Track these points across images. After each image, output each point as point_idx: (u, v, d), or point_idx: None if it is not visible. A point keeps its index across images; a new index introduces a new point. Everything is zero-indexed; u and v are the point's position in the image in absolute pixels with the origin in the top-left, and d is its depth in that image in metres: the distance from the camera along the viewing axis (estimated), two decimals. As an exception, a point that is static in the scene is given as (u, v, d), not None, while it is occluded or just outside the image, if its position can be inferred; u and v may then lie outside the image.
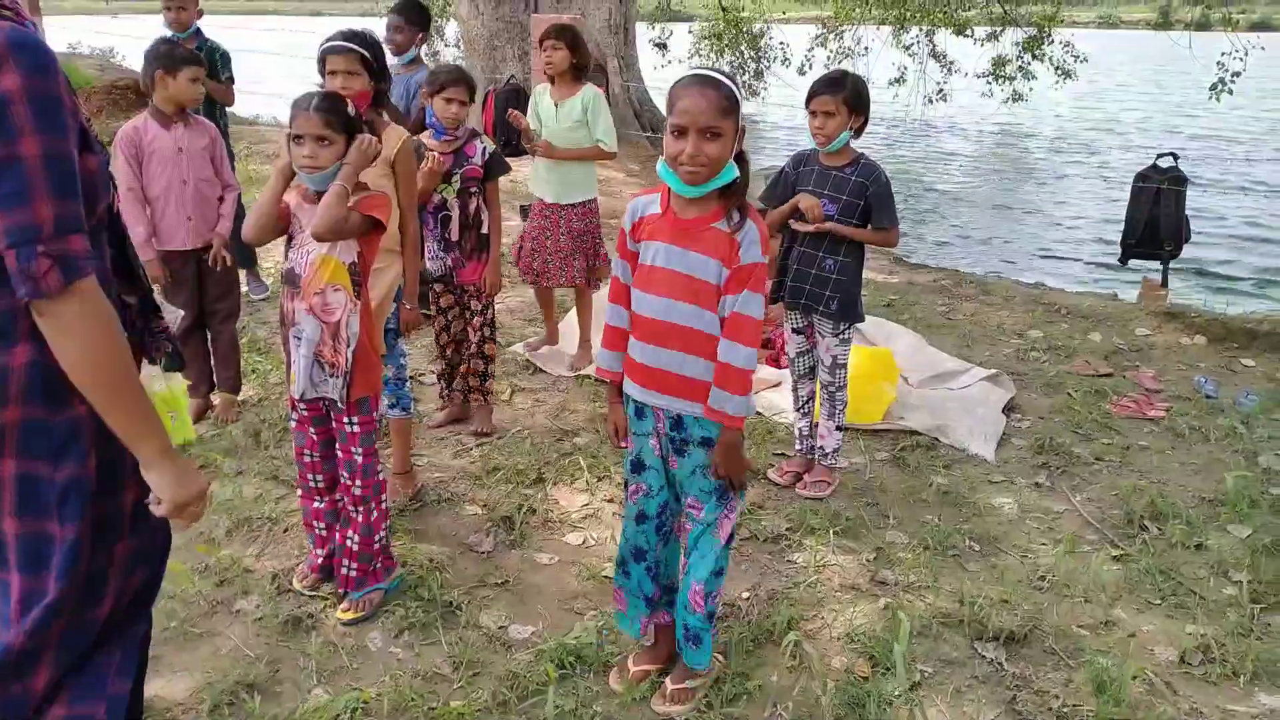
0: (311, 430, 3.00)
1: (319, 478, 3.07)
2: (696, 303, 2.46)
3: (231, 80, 6.09)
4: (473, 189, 4.13)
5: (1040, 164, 17.64)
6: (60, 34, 18.77)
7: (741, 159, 2.44)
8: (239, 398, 4.48)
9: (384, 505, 3.07)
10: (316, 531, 3.13)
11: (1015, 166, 17.41)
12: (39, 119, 1.49)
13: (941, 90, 19.09)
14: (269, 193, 2.84)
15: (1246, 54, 13.19)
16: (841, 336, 3.74)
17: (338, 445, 2.99)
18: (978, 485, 3.97)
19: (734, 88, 2.35)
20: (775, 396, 4.61)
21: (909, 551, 3.45)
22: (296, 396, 2.94)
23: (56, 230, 1.51)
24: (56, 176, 1.51)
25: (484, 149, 4.09)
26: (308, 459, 3.04)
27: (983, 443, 4.26)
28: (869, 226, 3.61)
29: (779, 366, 4.97)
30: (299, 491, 3.15)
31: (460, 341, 4.32)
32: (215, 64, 5.88)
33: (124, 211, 3.91)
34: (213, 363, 4.42)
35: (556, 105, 4.85)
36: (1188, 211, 6.20)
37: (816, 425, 3.91)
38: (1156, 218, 6.05)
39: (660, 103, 14.37)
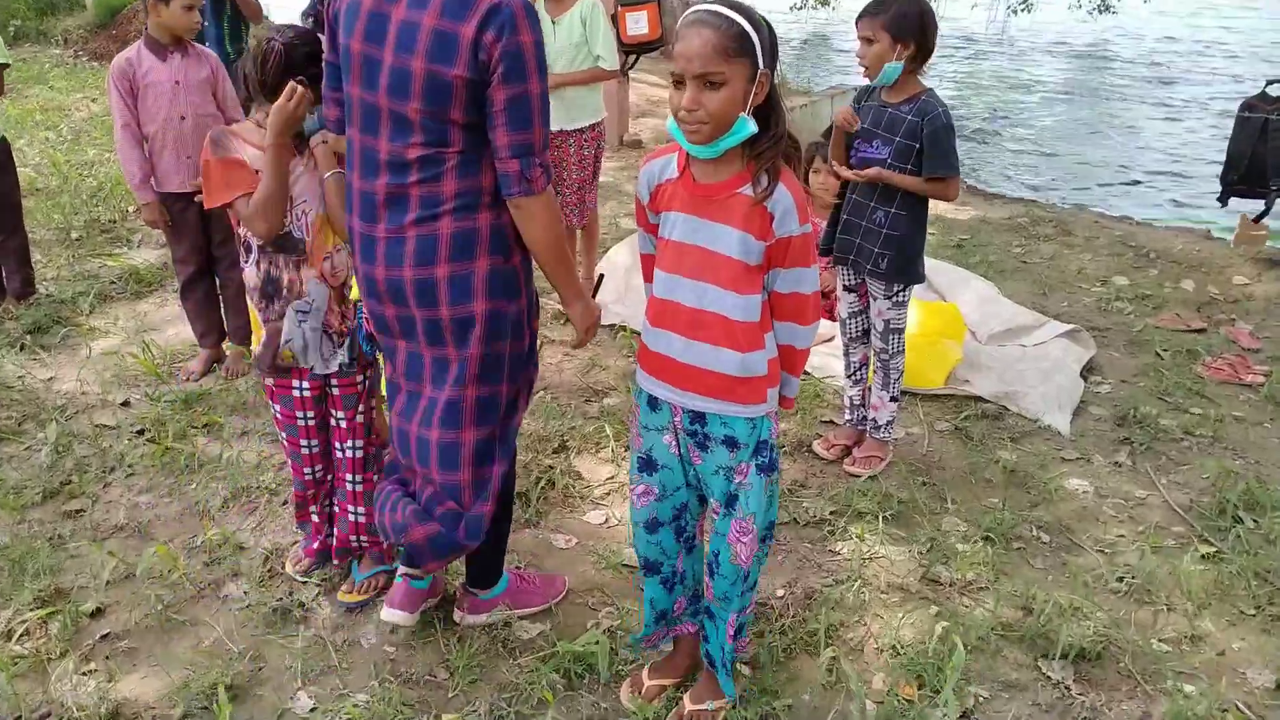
0: (310, 414, 2.68)
1: (318, 467, 2.77)
2: (721, 284, 2.09)
3: None
4: None
5: (1129, 87, 16.52)
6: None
7: (771, 109, 2.03)
8: (250, 346, 4.22)
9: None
10: (313, 519, 2.85)
11: (1103, 88, 16.33)
12: (540, 67, 2.06)
13: (1026, 1, 17.98)
14: (277, 180, 2.43)
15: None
16: (896, 300, 3.32)
17: (336, 414, 2.69)
18: (1049, 463, 3.56)
19: (744, 23, 1.92)
20: (826, 355, 4.21)
21: (967, 543, 3.08)
22: (305, 376, 2.63)
23: (544, 148, 2.10)
24: (545, 110, 2.09)
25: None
26: (305, 450, 2.73)
27: (1057, 412, 3.82)
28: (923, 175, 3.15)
29: (832, 318, 4.55)
30: (293, 484, 2.84)
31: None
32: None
33: (119, 150, 3.70)
34: (222, 310, 4.15)
35: (554, 23, 4.38)
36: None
37: (869, 393, 3.52)
38: (1263, 153, 5.41)
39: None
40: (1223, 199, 5.77)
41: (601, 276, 3.10)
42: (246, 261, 2.55)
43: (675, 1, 10.76)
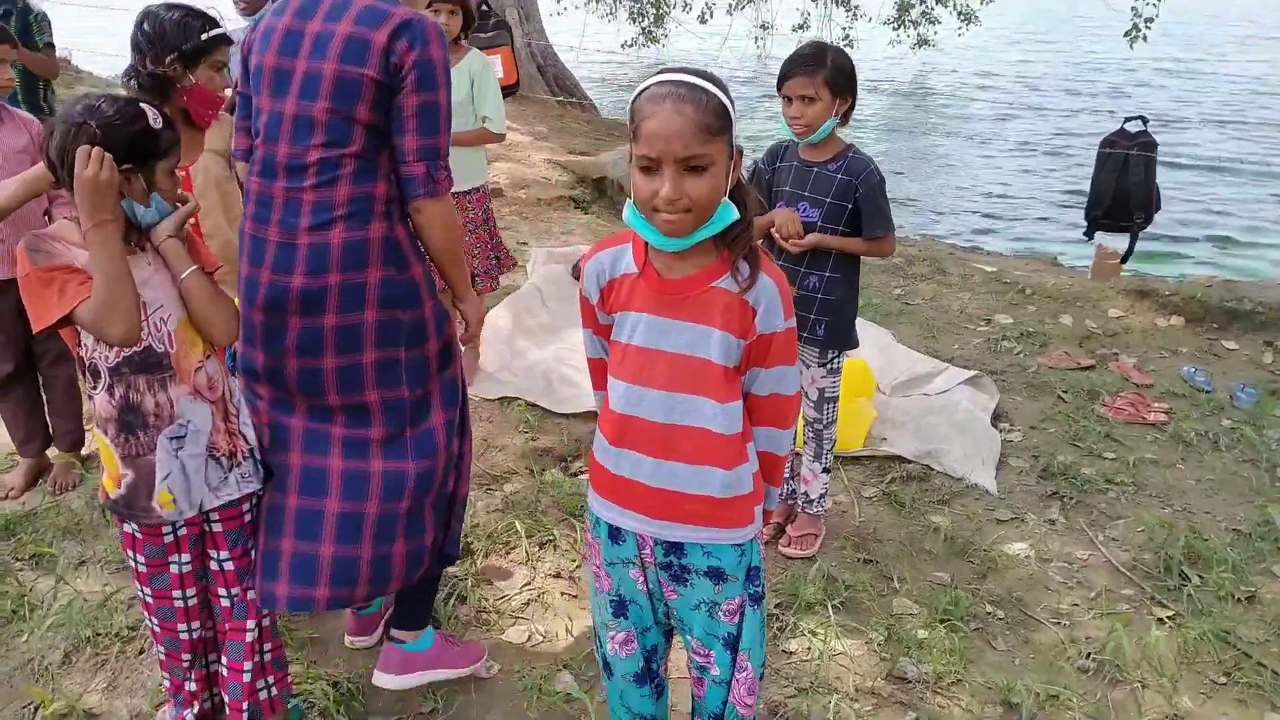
0: (183, 560, 2.18)
1: (194, 624, 2.24)
2: (699, 392, 1.78)
3: (52, 47, 5.07)
4: None
5: (955, 119, 17.27)
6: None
7: (741, 192, 1.75)
8: (83, 452, 3.62)
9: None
10: (187, 687, 2.32)
11: (933, 120, 17.01)
12: (447, 82, 2.12)
13: (848, 36, 18.56)
14: (114, 264, 1.94)
15: None
16: (830, 367, 3.08)
17: (217, 555, 2.21)
18: (984, 526, 3.39)
19: (721, 95, 1.65)
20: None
21: (925, 627, 2.85)
22: (177, 518, 2.13)
23: (446, 154, 2.14)
24: (449, 121, 2.15)
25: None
26: (180, 603, 2.21)
27: (981, 469, 3.68)
28: (860, 234, 2.94)
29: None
30: (159, 646, 2.27)
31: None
32: (30, 27, 4.87)
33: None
34: (48, 413, 3.54)
35: None
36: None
37: (798, 463, 3.28)
38: (1125, 187, 5.55)
39: (565, 58, 13.47)
40: (1089, 233, 5.89)
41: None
42: (95, 388, 2.06)
43: (521, 47, 10.47)
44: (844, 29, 18.34)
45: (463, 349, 2.47)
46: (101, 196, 1.93)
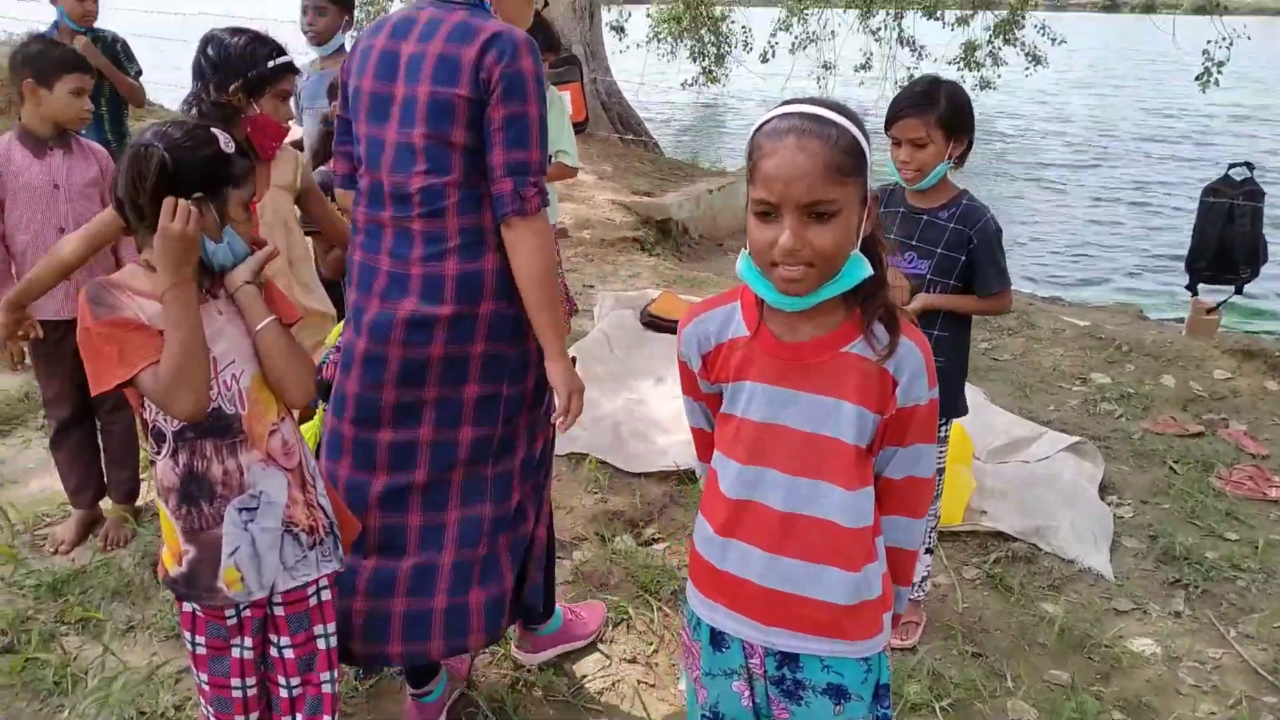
0: (246, 645, 1.96)
1: (253, 716, 2.01)
2: (826, 476, 1.55)
3: (140, 74, 5.03)
4: None
5: (1029, 165, 16.88)
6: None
7: (874, 244, 1.53)
8: (137, 504, 3.45)
9: (334, 690, 2.09)
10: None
11: (1003, 165, 16.63)
12: (540, 95, 2.05)
13: (912, 77, 18.27)
14: (191, 333, 1.76)
15: (1231, 43, 12.44)
16: (940, 437, 2.82)
17: (278, 641, 2.00)
18: (1103, 616, 3.08)
19: (854, 130, 1.43)
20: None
21: (1047, 737, 2.56)
22: (244, 599, 1.91)
23: (540, 170, 2.06)
24: (543, 135, 2.07)
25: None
26: (239, 693, 1.98)
27: (1094, 550, 3.37)
28: (973, 290, 2.69)
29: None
30: None
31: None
32: (117, 56, 4.83)
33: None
34: (104, 463, 3.38)
35: None
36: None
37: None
38: (1230, 237, 5.21)
39: (630, 95, 13.37)
40: (1191, 287, 5.55)
41: (574, 359, 2.61)
42: (158, 453, 1.87)
43: (560, 13, 10.33)
44: (909, 69, 18.11)
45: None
46: (188, 252, 1.76)
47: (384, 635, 2.17)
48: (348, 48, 4.59)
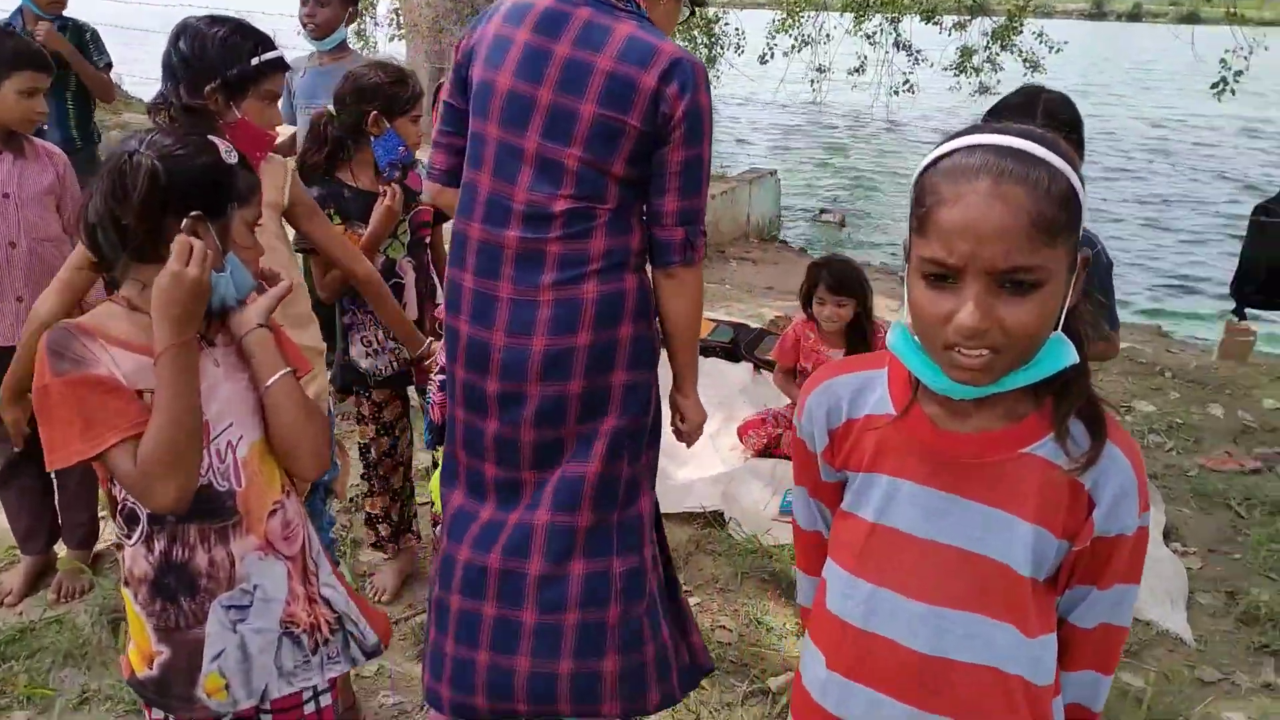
0: None
1: None
2: (989, 611, 1.18)
3: (109, 66, 4.63)
4: (426, 239, 2.82)
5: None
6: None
7: (1077, 318, 1.15)
8: (92, 551, 3.05)
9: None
10: None
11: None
12: (711, 132, 1.90)
13: (908, 81, 18.00)
14: (185, 406, 1.43)
15: (1251, 51, 12.21)
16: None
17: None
18: (1187, 687, 2.74)
19: (1069, 170, 1.06)
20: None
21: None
22: (228, 710, 1.56)
23: (703, 217, 1.94)
24: (709, 177, 1.92)
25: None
26: None
27: (1171, 611, 3.02)
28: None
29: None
30: None
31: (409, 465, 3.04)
32: (85, 46, 4.44)
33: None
34: (57, 504, 2.99)
35: None
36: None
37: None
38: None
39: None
40: (1238, 312, 5.24)
41: None
42: (131, 539, 1.50)
43: None
44: (904, 74, 17.87)
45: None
46: (198, 303, 1.40)
47: (509, 693, 1.99)
48: (351, 43, 4.23)
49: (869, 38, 17.73)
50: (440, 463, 2.18)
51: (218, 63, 2.07)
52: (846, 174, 16.73)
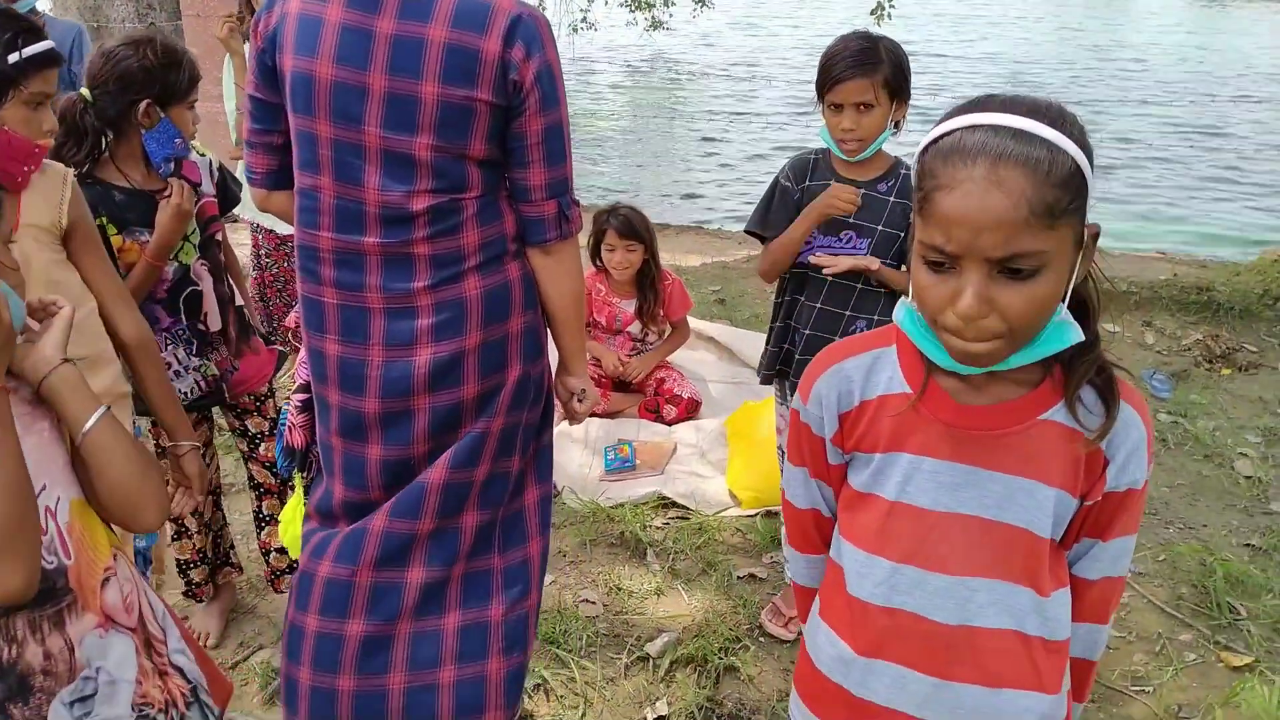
0: None
1: None
2: (1011, 576, 1.21)
3: None
4: (218, 235, 2.50)
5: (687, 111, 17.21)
6: None
7: (1086, 293, 1.15)
8: None
9: None
10: None
11: (663, 104, 16.85)
12: (563, 85, 1.73)
13: (585, 18, 18.17)
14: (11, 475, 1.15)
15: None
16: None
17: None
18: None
19: (1074, 148, 1.04)
20: (697, 477, 3.37)
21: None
22: None
23: (572, 185, 1.80)
24: (569, 141, 1.77)
25: (210, 165, 2.45)
26: None
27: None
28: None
29: (668, 420, 3.74)
30: None
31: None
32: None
33: None
34: None
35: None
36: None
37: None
38: None
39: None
40: None
41: None
42: None
43: None
44: (582, 11, 18.00)
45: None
46: (6, 341, 1.14)
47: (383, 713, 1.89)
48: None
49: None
50: (302, 493, 1.95)
51: None
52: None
